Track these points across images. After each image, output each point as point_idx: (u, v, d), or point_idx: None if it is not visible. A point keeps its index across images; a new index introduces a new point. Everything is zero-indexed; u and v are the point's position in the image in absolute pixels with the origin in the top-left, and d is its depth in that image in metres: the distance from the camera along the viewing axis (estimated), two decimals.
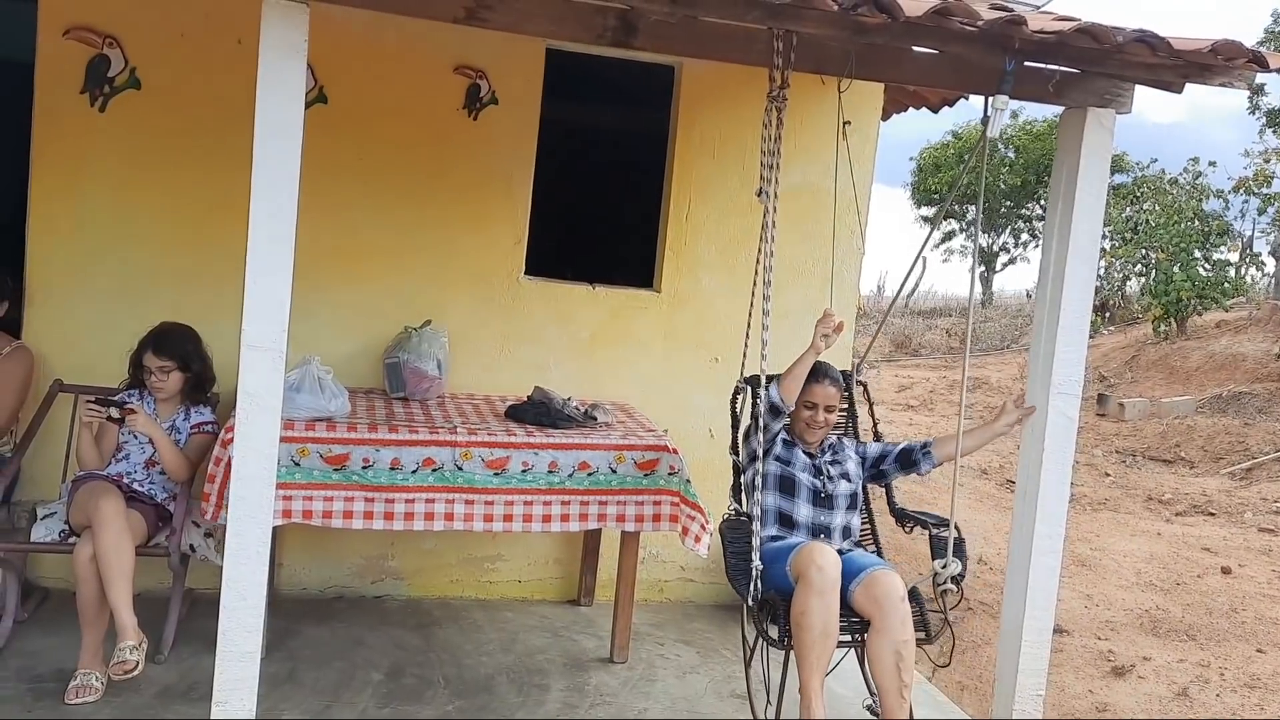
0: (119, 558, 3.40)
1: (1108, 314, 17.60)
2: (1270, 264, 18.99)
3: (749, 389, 3.59)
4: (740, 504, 3.58)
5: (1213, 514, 8.48)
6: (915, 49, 3.13)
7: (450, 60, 4.48)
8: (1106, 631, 5.64)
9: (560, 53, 4.56)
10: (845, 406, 3.98)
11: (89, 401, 3.71)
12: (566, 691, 3.88)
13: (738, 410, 3.76)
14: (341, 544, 4.52)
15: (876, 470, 3.82)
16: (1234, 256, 16.59)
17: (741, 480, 3.64)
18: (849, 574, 3.39)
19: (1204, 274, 15.03)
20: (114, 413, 3.68)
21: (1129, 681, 5.02)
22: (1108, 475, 9.87)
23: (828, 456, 3.75)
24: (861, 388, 4.09)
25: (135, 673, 3.32)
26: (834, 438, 3.85)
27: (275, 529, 3.41)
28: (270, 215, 2.84)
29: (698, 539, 3.89)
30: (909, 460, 3.77)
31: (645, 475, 3.97)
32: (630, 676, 4.08)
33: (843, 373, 3.91)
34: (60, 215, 4.22)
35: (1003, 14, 2.84)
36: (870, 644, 3.28)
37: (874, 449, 3.84)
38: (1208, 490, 9.21)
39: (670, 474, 3.98)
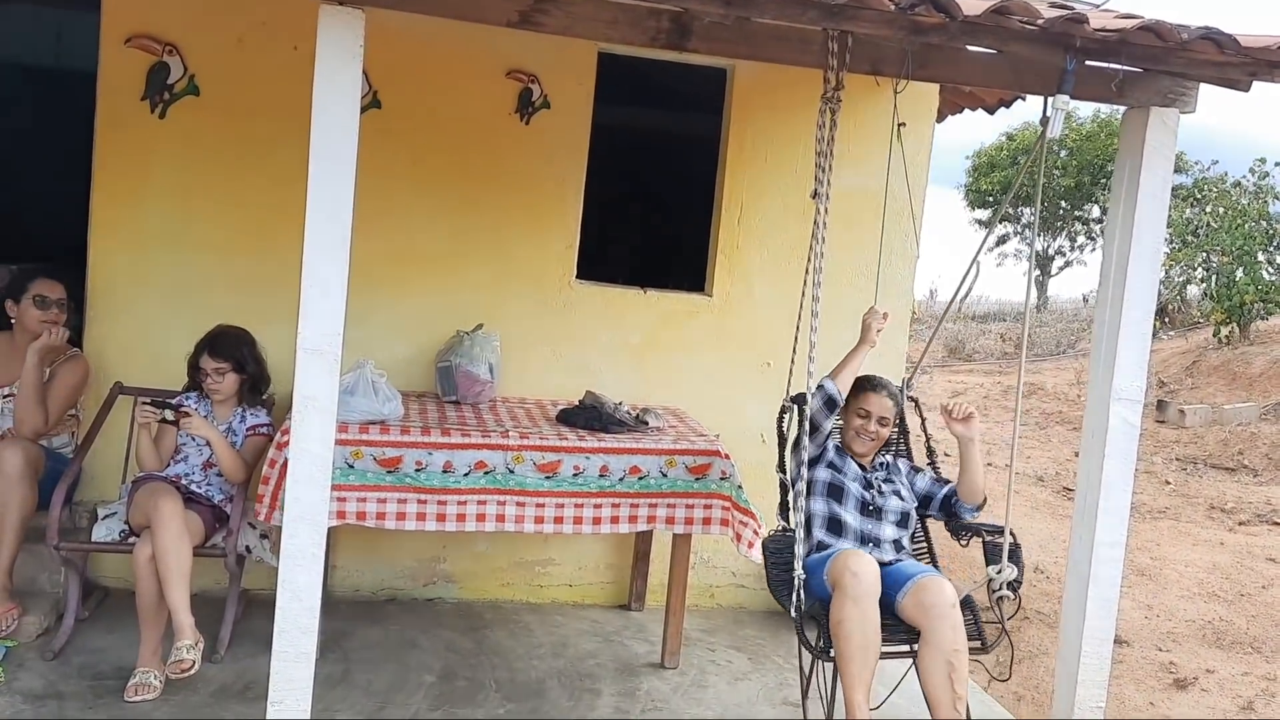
0: (177, 558, 3.45)
1: (1167, 318, 17.23)
2: None
3: (795, 408, 3.56)
4: (787, 521, 3.51)
5: (1278, 524, 8.26)
6: (973, 49, 3.08)
7: (503, 65, 4.50)
8: (1168, 643, 5.51)
9: (613, 56, 4.56)
10: (896, 425, 3.92)
11: (144, 403, 3.77)
12: (617, 696, 3.87)
13: (784, 429, 3.71)
14: (394, 546, 4.55)
15: (923, 510, 3.75)
16: None
17: (788, 497, 3.56)
18: (896, 583, 3.32)
19: (1268, 278, 14.66)
20: (168, 415, 3.74)
21: (1191, 694, 4.90)
22: (1168, 483, 9.65)
23: (881, 474, 3.69)
24: (913, 403, 4.01)
25: (192, 671, 3.36)
26: (888, 458, 3.79)
27: (329, 531, 3.45)
28: (326, 219, 2.87)
29: (750, 544, 3.86)
30: (950, 509, 3.68)
31: (696, 479, 3.95)
32: (681, 682, 4.06)
33: (899, 389, 3.86)
34: (121, 221, 4.30)
35: (1064, 12, 2.79)
36: (920, 654, 3.18)
37: (922, 485, 3.74)
38: (1272, 499, 8.97)
39: (722, 479, 3.96)
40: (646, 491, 3.92)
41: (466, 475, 3.74)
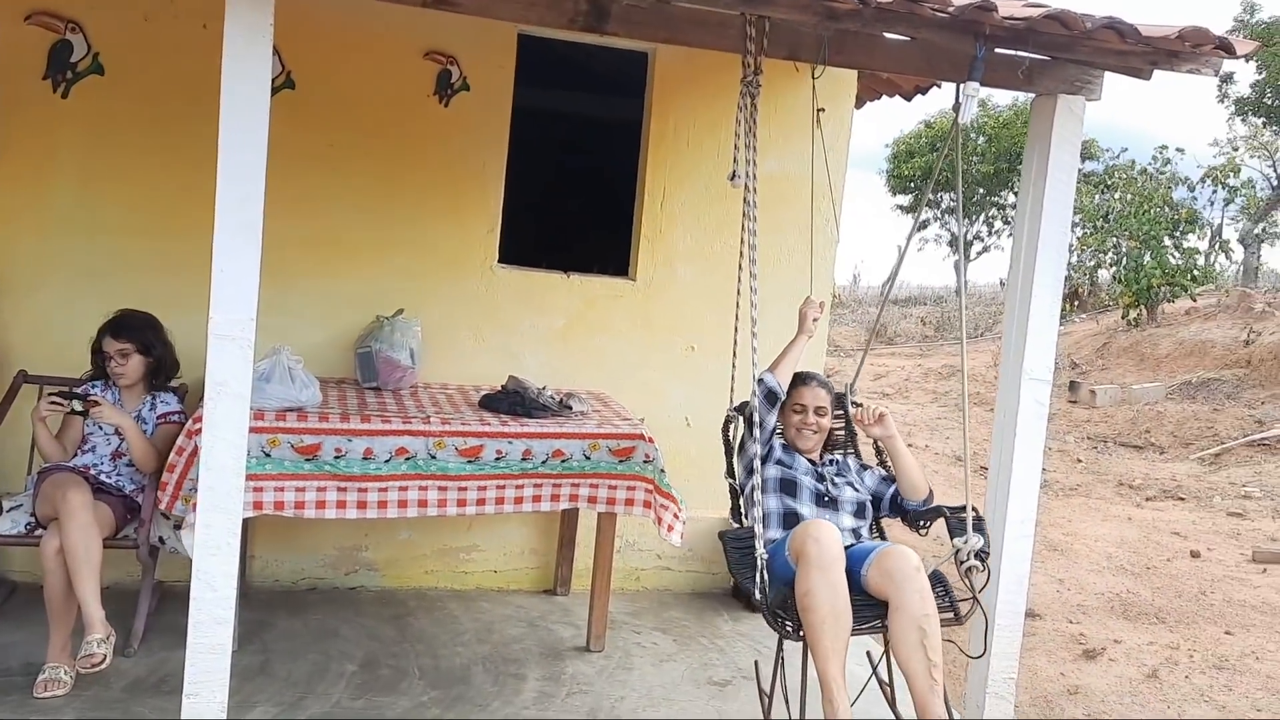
0: (86, 550, 3.36)
1: (1078, 301, 17.73)
2: (1238, 251, 19.21)
3: (739, 417, 3.55)
4: (741, 523, 3.46)
5: (1182, 499, 8.58)
6: (887, 35, 3.12)
7: (420, 45, 4.44)
8: (1078, 615, 5.70)
9: (533, 39, 4.53)
10: (841, 426, 3.95)
11: (50, 396, 3.66)
12: (543, 681, 3.87)
13: (730, 437, 3.70)
14: (315, 535, 4.49)
15: (875, 511, 3.69)
16: (1203, 244, 16.76)
17: (740, 501, 3.53)
18: (859, 559, 3.20)
19: (1174, 261, 15.17)
20: (77, 406, 3.64)
21: (1100, 664, 5.07)
22: (1079, 461, 9.96)
23: (831, 468, 3.68)
24: (857, 408, 4.04)
25: (103, 666, 3.29)
26: (838, 456, 3.80)
27: (246, 520, 3.39)
28: (237, 203, 2.81)
29: (670, 528, 3.89)
30: (900, 507, 3.63)
31: (620, 462, 3.96)
32: (606, 665, 4.08)
33: (838, 395, 3.90)
34: (23, 204, 4.16)
35: (973, 0, 2.84)
36: (891, 625, 3.02)
37: (871, 482, 3.70)
38: (1177, 475, 9.32)
39: (645, 462, 3.98)
40: (569, 472, 3.92)
41: (388, 462, 3.70)
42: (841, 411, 3.94)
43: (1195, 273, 15.16)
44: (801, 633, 3.00)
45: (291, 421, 3.63)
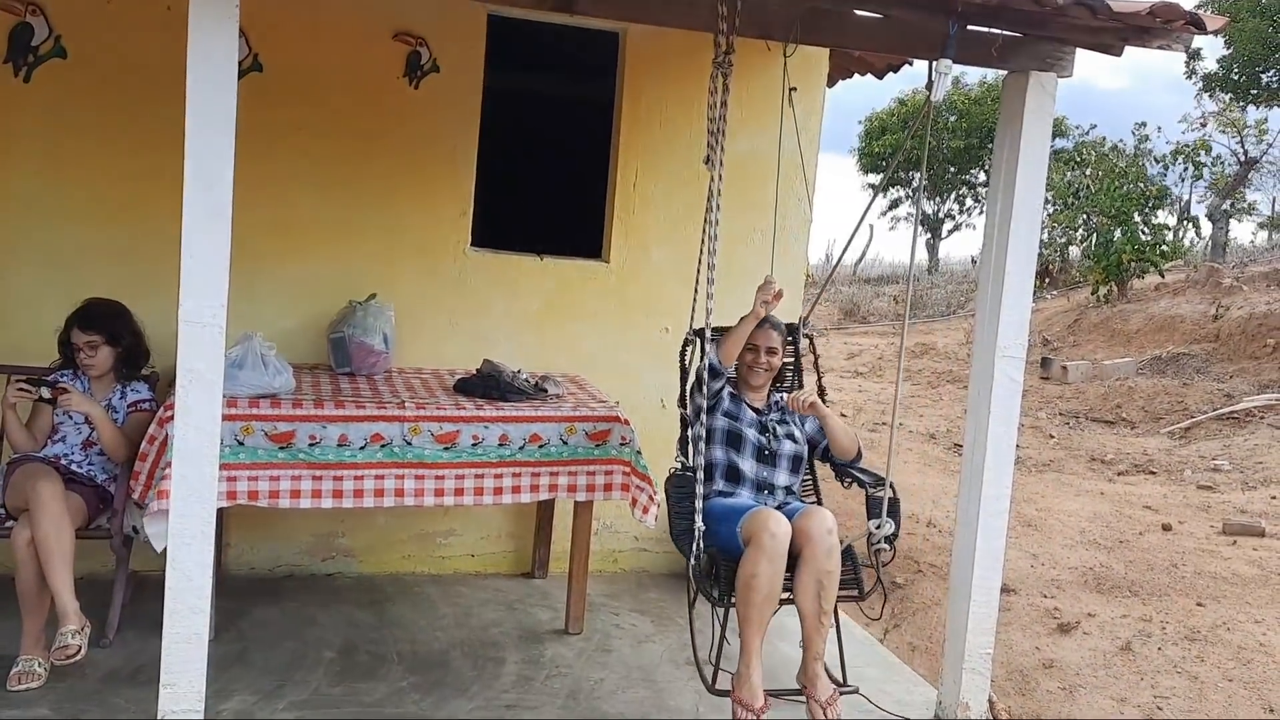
0: (58, 541, 3.32)
1: (1050, 278, 17.86)
2: (1207, 227, 19.40)
3: (698, 341, 3.65)
4: (686, 458, 3.60)
5: (1153, 473, 8.68)
6: (860, 13, 3.12)
7: (389, 27, 4.39)
8: (1052, 590, 5.76)
9: (503, 20, 4.49)
10: (791, 360, 4.03)
11: (18, 381, 3.60)
12: (522, 664, 3.87)
13: (686, 362, 3.81)
14: (291, 523, 4.46)
15: (810, 453, 3.88)
16: (1172, 220, 16.92)
17: (689, 433, 3.65)
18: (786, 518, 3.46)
19: (1143, 238, 15.30)
20: (45, 393, 3.59)
21: (1074, 638, 5.13)
22: (1052, 437, 10.05)
23: (775, 415, 3.78)
24: (808, 340, 4.12)
25: (78, 658, 3.26)
26: (782, 397, 3.87)
27: (221, 509, 3.36)
28: (205, 188, 2.78)
29: (645, 509, 3.90)
30: (830, 459, 3.86)
31: (596, 446, 3.96)
32: (585, 647, 4.09)
33: (789, 325, 3.96)
34: None
35: None
36: (796, 574, 3.35)
37: (811, 428, 3.84)
38: (1148, 450, 9.42)
39: (621, 444, 3.98)
40: (547, 460, 3.91)
41: (363, 449, 3.68)
42: (792, 343, 4.01)
43: (1164, 249, 15.31)
44: (728, 599, 3.35)
45: (265, 408, 3.60)
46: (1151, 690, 4.62)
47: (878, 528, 3.42)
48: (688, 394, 3.72)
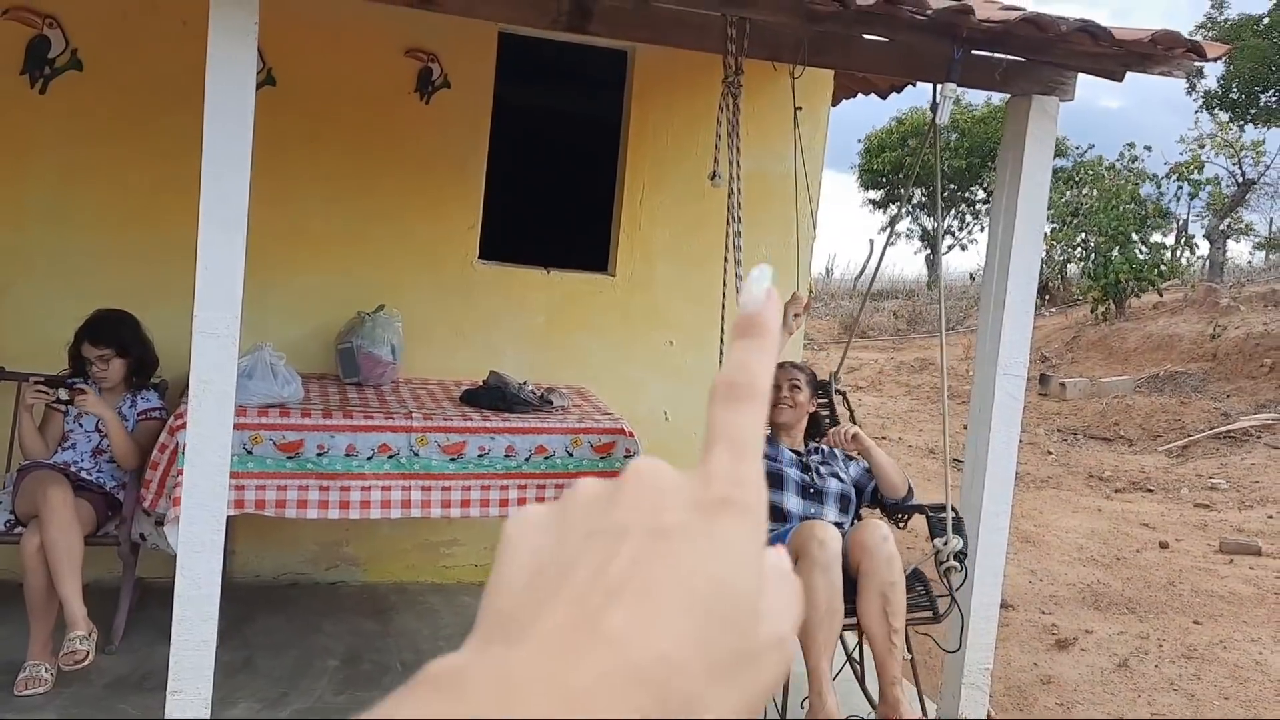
0: (67, 548, 3.36)
1: (1049, 296, 17.92)
2: (1204, 247, 19.47)
3: None
4: None
5: (1150, 490, 8.72)
6: (866, 37, 3.17)
7: (401, 43, 4.45)
8: (1050, 606, 5.79)
9: (514, 36, 4.55)
10: (827, 415, 3.99)
11: (37, 382, 3.64)
12: None
13: None
14: (296, 531, 4.50)
15: (858, 500, 3.74)
16: (1170, 240, 16.98)
17: None
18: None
19: (1141, 257, 15.36)
20: (63, 394, 3.62)
21: (1072, 654, 5.16)
22: (1050, 454, 10.09)
23: (816, 457, 3.69)
24: (841, 396, 4.09)
25: (85, 663, 3.29)
26: (823, 445, 3.78)
27: (228, 516, 3.39)
28: (221, 200, 2.82)
29: None
30: (879, 501, 3.68)
31: (602, 458, 3.99)
32: None
33: (822, 383, 3.94)
34: (1, 198, 4.13)
35: (950, 3, 2.89)
36: (859, 590, 3.12)
37: (855, 472, 3.72)
38: (1146, 467, 9.46)
39: (626, 457, 4.01)
40: (553, 471, 3.94)
41: (370, 459, 3.71)
42: (826, 399, 3.98)
43: (1162, 268, 15.36)
44: None
45: (274, 418, 3.64)
46: (1149, 708, 4.65)
47: (944, 544, 3.25)
48: None
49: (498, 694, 0.29)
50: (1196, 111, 19.86)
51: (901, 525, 3.64)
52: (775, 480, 3.57)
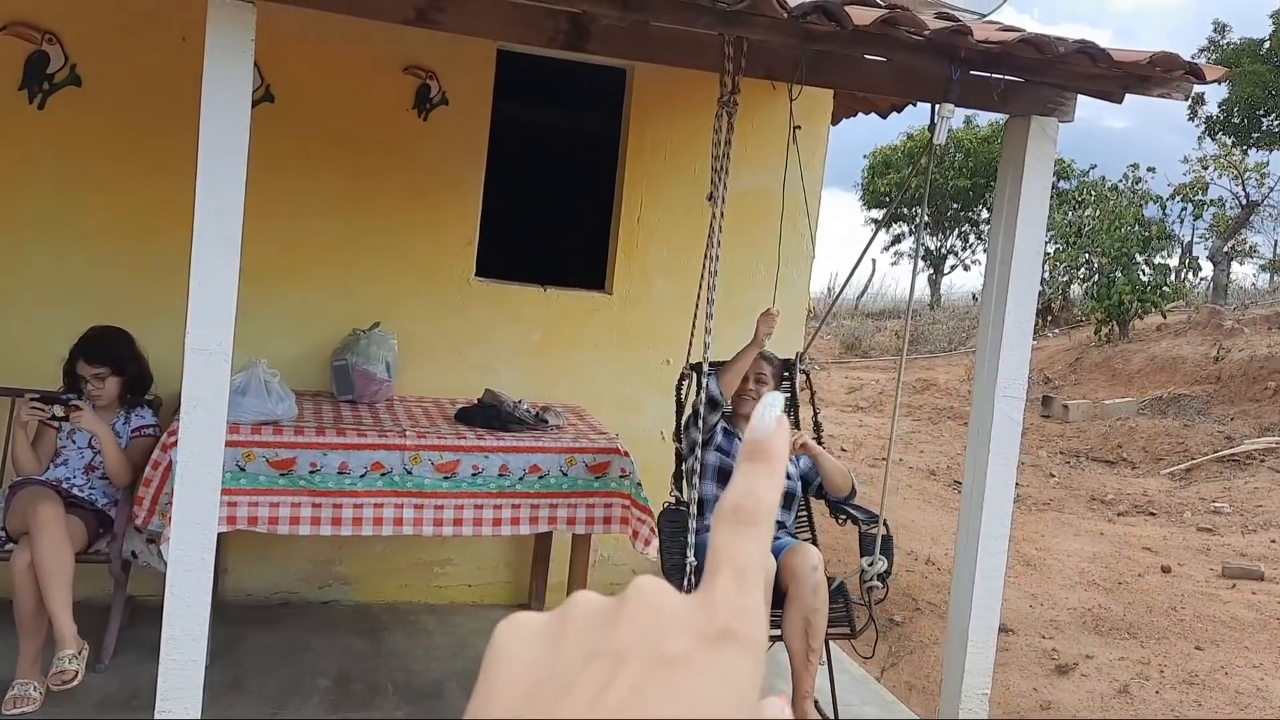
0: (57, 565, 3.33)
1: (1051, 317, 17.89)
2: (1208, 269, 19.46)
3: (694, 375, 3.69)
4: (681, 492, 3.64)
5: (1153, 514, 8.66)
6: (864, 56, 3.16)
7: (400, 60, 4.45)
8: (1050, 630, 5.74)
9: (512, 53, 4.54)
10: (788, 395, 4.07)
11: (31, 399, 3.62)
12: None
13: (682, 396, 3.85)
14: (288, 549, 4.47)
15: (804, 490, 3.92)
16: (1174, 261, 16.96)
17: (683, 468, 3.69)
18: (774, 554, 3.48)
19: (1144, 278, 15.34)
20: (58, 410, 3.61)
21: (1072, 679, 5.11)
22: (1052, 476, 10.04)
23: None
24: (804, 376, 4.15)
25: (75, 682, 3.26)
26: None
27: (220, 534, 3.37)
28: (216, 215, 2.81)
29: (647, 542, 3.90)
30: (824, 495, 3.87)
31: (596, 478, 3.97)
32: None
33: (784, 361, 4.02)
34: None
35: (949, 24, 2.88)
36: (784, 611, 3.37)
37: (805, 464, 3.86)
38: (1149, 490, 9.40)
39: (621, 477, 3.99)
40: (546, 491, 3.92)
41: (363, 477, 3.69)
42: (789, 377, 4.06)
43: (1166, 289, 15.34)
44: None
45: (267, 435, 3.62)
46: None
47: (870, 565, 3.45)
48: (683, 428, 3.75)
49: None
50: (1199, 136, 19.90)
51: (841, 522, 3.87)
52: (726, 476, 3.69)
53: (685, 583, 3.33)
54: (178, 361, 2.85)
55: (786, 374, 4.14)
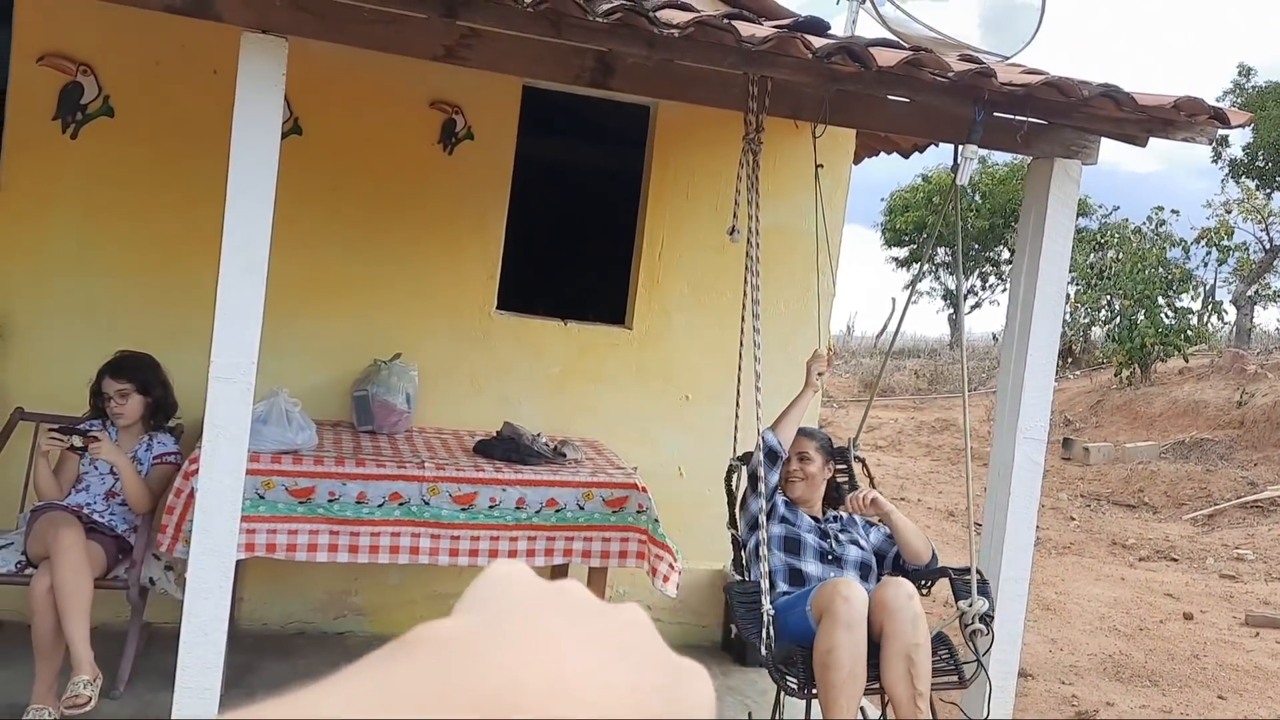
0: (77, 590, 3.34)
1: (1072, 358, 17.79)
2: (1231, 313, 19.33)
3: (742, 467, 3.53)
4: (743, 574, 3.43)
5: (1175, 559, 8.56)
6: (888, 97, 3.18)
7: (427, 95, 4.50)
8: (1070, 676, 5.66)
9: (537, 90, 4.59)
10: (845, 480, 3.96)
11: (50, 431, 3.66)
12: None
13: (733, 488, 3.69)
14: (304, 579, 4.47)
15: (879, 567, 3.65)
16: (1197, 304, 16.85)
17: (744, 553, 3.49)
18: None
19: (1167, 321, 15.25)
20: (77, 441, 3.63)
21: None
22: (1073, 519, 9.94)
23: (835, 525, 3.64)
24: (860, 464, 4.05)
25: (89, 708, 3.26)
26: (842, 513, 3.72)
27: (237, 562, 3.37)
28: (243, 246, 2.84)
29: (666, 578, 3.87)
30: (901, 568, 3.56)
31: (613, 512, 3.96)
32: None
33: (839, 449, 3.92)
34: (26, 241, 4.19)
35: (972, 66, 2.90)
36: (882, 651, 3.00)
37: (876, 539, 3.65)
38: (1170, 536, 9.30)
39: (639, 512, 3.97)
40: (563, 524, 3.91)
41: (381, 506, 3.69)
42: (845, 465, 3.94)
43: (1189, 333, 15.23)
44: (808, 689, 2.98)
45: (287, 464, 3.63)
46: None
47: (969, 605, 3.14)
48: (737, 510, 3.57)
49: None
50: (1223, 180, 19.85)
51: (925, 591, 3.50)
52: (793, 545, 3.52)
53: (764, 632, 3.03)
54: (201, 389, 2.87)
55: (844, 464, 3.94)
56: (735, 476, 3.69)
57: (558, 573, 4.65)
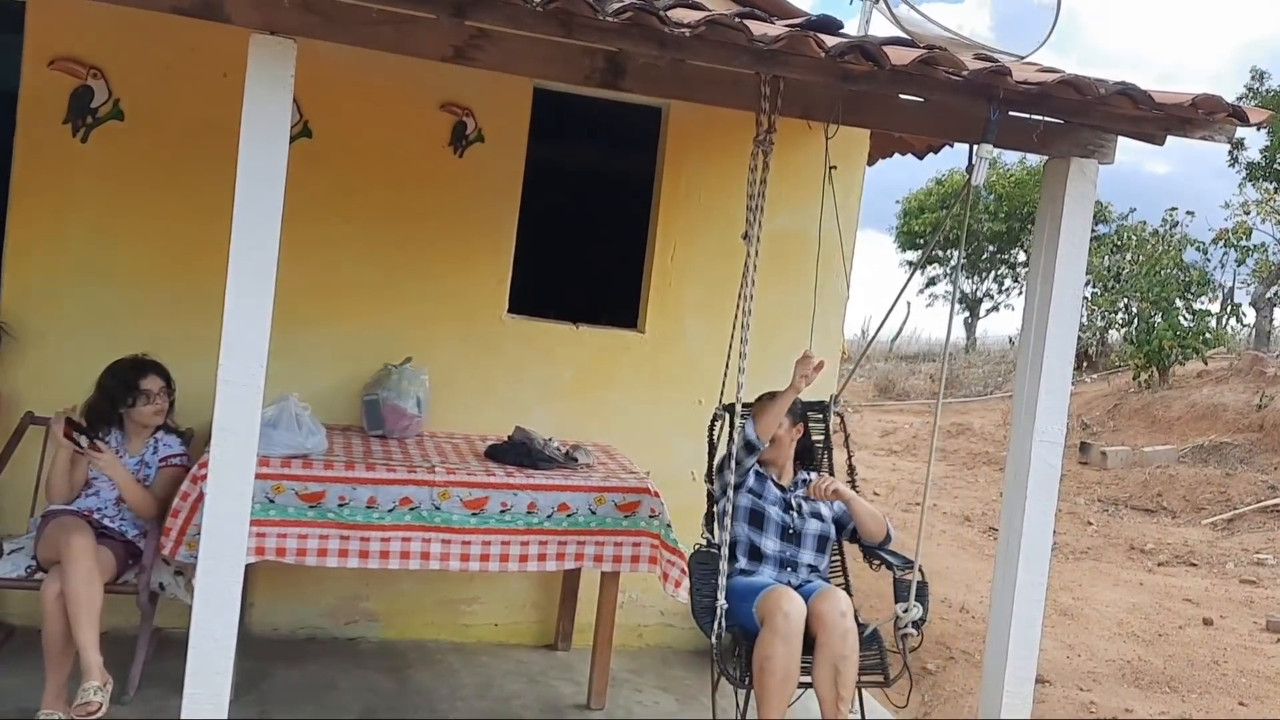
0: (87, 595, 3.33)
1: (1089, 362, 17.66)
2: (1250, 315, 19.15)
3: (727, 416, 3.68)
4: (712, 533, 3.62)
5: (1194, 564, 8.47)
6: (902, 96, 3.14)
7: (437, 97, 4.49)
8: (1088, 682, 5.59)
9: (548, 92, 4.57)
10: (821, 439, 4.06)
11: (67, 416, 3.62)
12: None
13: (715, 438, 3.83)
14: (315, 584, 4.45)
15: (838, 534, 3.88)
16: (1215, 307, 16.69)
17: (715, 509, 3.66)
18: (805, 598, 3.45)
19: (1185, 324, 15.10)
20: (83, 442, 3.62)
21: None
22: (1090, 524, 9.85)
23: (801, 493, 3.79)
24: (839, 418, 4.10)
25: (99, 714, 3.24)
26: (810, 475, 3.87)
27: (247, 568, 3.36)
28: (252, 249, 2.82)
29: (678, 584, 3.85)
30: (858, 540, 3.85)
31: (625, 517, 3.93)
32: None
33: (819, 403, 4.03)
34: (37, 245, 4.19)
35: (987, 64, 2.86)
36: (814, 658, 3.33)
37: (839, 508, 3.82)
38: (1189, 540, 9.20)
39: (651, 517, 3.94)
40: (575, 529, 3.88)
41: (391, 511, 3.67)
42: (822, 420, 4.05)
43: (1207, 335, 15.09)
44: (747, 680, 3.33)
45: (296, 469, 3.62)
46: None
47: (905, 611, 3.40)
48: (715, 470, 3.72)
49: None
50: (1240, 182, 19.69)
51: (875, 567, 3.81)
52: (757, 519, 3.71)
53: (716, 624, 3.28)
54: (211, 393, 2.85)
55: (820, 416, 4.09)
56: (719, 425, 3.83)
57: (569, 579, 4.63)
